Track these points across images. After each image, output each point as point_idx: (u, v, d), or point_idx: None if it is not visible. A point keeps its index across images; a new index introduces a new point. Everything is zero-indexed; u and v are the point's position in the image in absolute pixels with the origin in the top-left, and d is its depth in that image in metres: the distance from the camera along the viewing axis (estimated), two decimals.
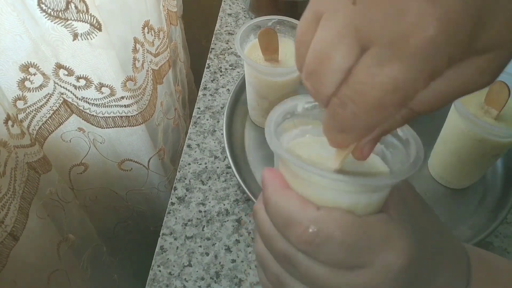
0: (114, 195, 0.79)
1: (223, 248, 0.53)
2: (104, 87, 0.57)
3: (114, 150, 0.69)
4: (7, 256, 0.48)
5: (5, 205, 0.46)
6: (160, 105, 0.73)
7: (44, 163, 0.55)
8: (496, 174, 0.60)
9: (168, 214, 0.56)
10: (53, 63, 0.53)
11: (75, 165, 0.69)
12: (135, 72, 0.61)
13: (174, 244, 0.53)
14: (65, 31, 0.49)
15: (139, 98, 0.63)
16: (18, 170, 0.49)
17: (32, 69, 0.52)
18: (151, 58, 0.68)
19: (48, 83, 0.55)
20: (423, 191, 0.59)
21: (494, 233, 0.55)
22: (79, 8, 0.48)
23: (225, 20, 0.85)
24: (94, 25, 0.50)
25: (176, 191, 0.59)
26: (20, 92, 0.53)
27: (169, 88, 0.78)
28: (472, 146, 0.51)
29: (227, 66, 0.75)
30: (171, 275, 0.51)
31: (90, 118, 0.62)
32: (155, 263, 0.52)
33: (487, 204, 0.57)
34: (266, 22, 0.57)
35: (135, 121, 0.65)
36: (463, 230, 0.54)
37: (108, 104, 0.60)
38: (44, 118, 0.58)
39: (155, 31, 0.66)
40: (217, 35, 0.81)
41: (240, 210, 0.57)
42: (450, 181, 0.58)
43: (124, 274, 0.86)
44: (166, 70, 0.75)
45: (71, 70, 0.54)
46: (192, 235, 0.54)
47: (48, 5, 0.46)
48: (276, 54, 0.56)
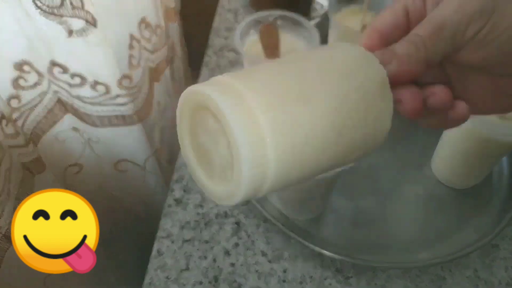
0: (110, 196, 0.78)
1: (221, 252, 0.52)
2: (99, 85, 0.56)
3: (110, 150, 0.68)
4: (1, 258, 0.47)
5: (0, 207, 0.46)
6: (156, 104, 0.72)
7: (38, 163, 0.54)
8: (502, 175, 0.59)
9: (165, 216, 0.55)
10: (48, 60, 0.52)
11: (70, 165, 0.68)
12: (131, 69, 0.60)
13: (171, 247, 0.52)
14: (60, 28, 0.48)
15: (135, 97, 0.62)
16: (13, 171, 0.49)
17: (26, 67, 0.51)
18: (148, 55, 0.67)
19: (42, 81, 0.54)
20: (427, 192, 0.58)
21: (500, 235, 0.54)
22: (74, 4, 0.47)
23: (224, 16, 0.84)
24: (90, 22, 0.49)
25: (173, 193, 0.57)
26: (14, 90, 0.52)
27: (166, 86, 0.77)
28: (477, 146, 0.50)
29: (226, 63, 0.74)
30: (168, 279, 0.50)
31: (84, 117, 0.61)
32: (151, 266, 0.51)
33: (493, 206, 0.56)
34: (267, 18, 0.56)
35: (131, 120, 0.64)
36: (468, 232, 0.53)
37: (103, 103, 0.59)
38: (38, 117, 0.57)
39: (152, 28, 0.65)
40: (216, 32, 0.80)
41: (239, 212, 0.56)
42: (454, 181, 0.57)
43: (121, 278, 0.85)
44: (164, 67, 0.74)
45: (66, 68, 0.53)
46: (190, 238, 0.53)
47: (43, 1, 0.45)
48: (277, 50, 0.55)
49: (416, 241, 0.53)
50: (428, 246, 0.52)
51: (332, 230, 0.54)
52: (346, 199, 0.57)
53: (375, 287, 0.50)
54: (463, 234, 0.53)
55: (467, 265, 0.52)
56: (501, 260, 0.53)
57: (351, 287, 0.50)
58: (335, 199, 0.56)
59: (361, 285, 0.50)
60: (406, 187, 0.58)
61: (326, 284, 0.50)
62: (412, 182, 0.59)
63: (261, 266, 0.51)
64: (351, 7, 0.63)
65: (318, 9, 0.82)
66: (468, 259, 0.53)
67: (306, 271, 0.51)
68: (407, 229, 0.55)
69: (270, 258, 0.52)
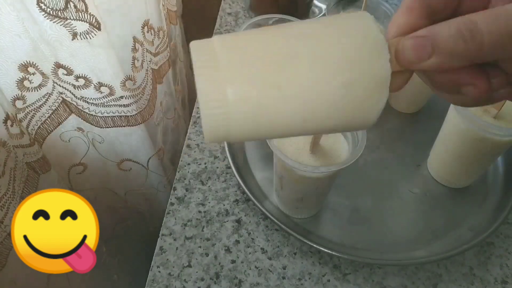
0: (113, 195, 0.79)
1: (222, 249, 0.53)
2: (103, 87, 0.57)
3: (113, 150, 0.69)
4: (6, 256, 0.48)
5: (5, 205, 0.46)
6: (159, 105, 0.73)
7: (43, 163, 0.55)
8: (497, 174, 0.59)
9: (167, 215, 0.56)
10: (52, 62, 0.53)
11: (74, 165, 0.68)
12: (134, 71, 0.60)
13: (173, 245, 0.53)
14: (64, 31, 0.49)
15: (139, 98, 0.63)
16: (18, 170, 0.49)
17: (31, 68, 0.52)
18: (151, 57, 0.67)
19: (47, 83, 0.55)
20: (423, 191, 0.58)
21: (495, 233, 0.54)
22: (78, 7, 0.48)
23: (225, 19, 0.84)
24: (93, 25, 0.50)
25: (176, 191, 0.58)
26: (19, 91, 0.52)
27: (169, 88, 0.78)
28: (472, 145, 0.51)
29: None
30: (170, 276, 0.51)
31: (89, 118, 0.61)
32: (154, 263, 0.52)
33: (488, 204, 0.57)
34: (267, 21, 0.57)
35: (134, 121, 0.65)
36: (463, 230, 0.54)
37: (107, 104, 0.60)
38: (43, 117, 0.58)
39: (154, 31, 0.65)
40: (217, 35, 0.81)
41: (240, 211, 0.57)
42: (450, 180, 0.58)
43: (124, 275, 0.85)
44: (166, 69, 0.75)
45: (70, 70, 0.54)
46: (192, 236, 0.54)
47: (47, 4, 0.46)
48: None
49: (412, 238, 0.54)
50: (425, 243, 0.53)
51: (330, 228, 0.55)
52: (344, 197, 0.58)
53: (372, 283, 0.51)
54: (459, 232, 0.54)
55: (463, 263, 0.53)
56: (496, 258, 0.54)
57: (349, 283, 0.51)
58: (333, 197, 0.57)
59: (358, 282, 0.51)
60: (402, 185, 0.59)
61: (325, 280, 0.51)
62: (408, 180, 0.60)
63: (261, 263, 0.52)
64: (348, 10, 0.64)
65: (316, 12, 0.83)
66: (464, 257, 0.54)
67: (305, 267, 0.52)
68: (403, 226, 0.55)
69: (270, 255, 0.53)
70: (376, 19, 0.23)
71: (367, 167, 0.60)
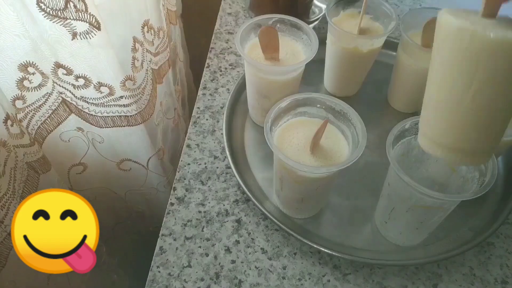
0: (113, 195, 0.79)
1: (222, 249, 0.53)
2: (103, 87, 0.57)
3: (113, 150, 0.69)
4: (6, 256, 0.48)
5: (5, 205, 0.46)
6: (159, 105, 0.73)
7: (43, 163, 0.55)
8: (497, 175, 0.59)
9: (167, 215, 0.56)
10: (52, 62, 0.52)
11: (74, 165, 0.68)
12: (134, 71, 0.60)
13: (173, 245, 0.53)
14: (64, 30, 0.49)
15: (138, 98, 0.63)
16: (18, 170, 0.49)
17: (31, 68, 0.52)
18: (151, 57, 0.67)
19: (47, 83, 0.55)
20: None
21: (495, 234, 0.54)
22: (78, 7, 0.48)
23: (225, 19, 0.84)
24: (93, 24, 0.50)
25: (176, 191, 0.58)
26: (19, 91, 0.52)
27: (168, 88, 0.78)
28: None
29: (227, 65, 0.75)
30: (170, 276, 0.51)
31: (89, 118, 0.61)
32: (154, 263, 0.52)
33: (488, 204, 0.57)
34: (267, 21, 0.57)
35: (134, 121, 0.65)
36: (464, 230, 0.54)
37: (107, 104, 0.60)
38: (43, 117, 0.58)
39: (154, 31, 0.65)
40: (217, 35, 0.81)
41: (240, 211, 0.57)
42: None
43: (124, 275, 0.85)
44: (166, 69, 0.75)
45: (70, 70, 0.54)
46: (192, 236, 0.54)
47: (47, 4, 0.46)
48: (277, 53, 0.56)
49: None
50: (425, 244, 0.53)
51: (330, 228, 0.55)
52: (344, 197, 0.58)
53: (372, 283, 0.51)
54: (459, 232, 0.54)
55: (463, 263, 0.53)
56: (496, 258, 0.54)
57: (349, 283, 0.51)
58: (333, 198, 0.57)
59: (358, 282, 0.51)
60: None
61: (325, 280, 0.51)
62: None
63: (261, 263, 0.52)
64: (348, 10, 0.64)
65: (316, 12, 0.83)
66: (464, 257, 0.54)
67: (305, 268, 0.52)
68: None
69: (270, 255, 0.53)
70: (376, 19, 0.24)
71: (367, 168, 0.60)
